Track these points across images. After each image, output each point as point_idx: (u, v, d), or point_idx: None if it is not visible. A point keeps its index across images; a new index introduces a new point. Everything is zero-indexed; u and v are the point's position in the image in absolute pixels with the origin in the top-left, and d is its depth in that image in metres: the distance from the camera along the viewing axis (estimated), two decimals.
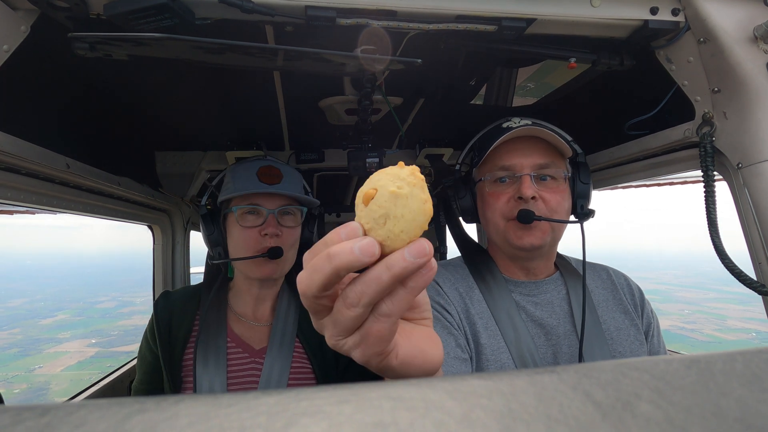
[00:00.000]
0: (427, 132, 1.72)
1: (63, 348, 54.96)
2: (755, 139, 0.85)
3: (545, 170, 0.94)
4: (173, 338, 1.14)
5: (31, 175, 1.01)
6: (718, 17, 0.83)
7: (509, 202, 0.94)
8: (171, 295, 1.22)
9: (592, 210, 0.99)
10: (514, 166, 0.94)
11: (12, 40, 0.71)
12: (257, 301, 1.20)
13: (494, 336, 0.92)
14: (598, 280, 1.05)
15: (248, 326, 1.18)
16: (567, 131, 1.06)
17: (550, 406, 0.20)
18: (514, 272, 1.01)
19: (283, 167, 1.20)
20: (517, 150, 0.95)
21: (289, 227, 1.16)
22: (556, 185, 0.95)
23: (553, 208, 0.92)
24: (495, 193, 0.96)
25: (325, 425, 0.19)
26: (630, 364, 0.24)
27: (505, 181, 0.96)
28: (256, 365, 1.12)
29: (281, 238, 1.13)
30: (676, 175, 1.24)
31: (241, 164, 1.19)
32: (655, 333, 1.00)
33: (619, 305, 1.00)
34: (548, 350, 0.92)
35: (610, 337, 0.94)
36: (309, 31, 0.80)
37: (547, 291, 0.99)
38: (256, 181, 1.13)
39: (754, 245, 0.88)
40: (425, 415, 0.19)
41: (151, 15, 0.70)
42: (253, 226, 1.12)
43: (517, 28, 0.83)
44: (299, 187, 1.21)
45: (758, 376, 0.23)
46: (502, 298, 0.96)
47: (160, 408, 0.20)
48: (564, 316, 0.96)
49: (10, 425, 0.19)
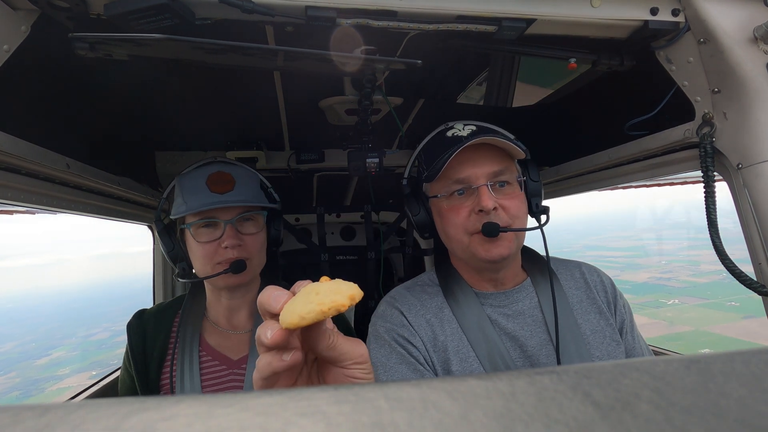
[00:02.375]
0: (427, 132, 1.72)
1: (65, 384, 55.74)
2: (755, 139, 0.85)
3: (501, 177, 0.90)
4: (148, 359, 1.09)
5: (31, 175, 1.01)
6: (718, 18, 0.83)
7: (470, 216, 0.90)
8: (144, 314, 1.17)
9: (546, 207, 0.97)
10: (469, 178, 0.90)
11: (12, 40, 0.71)
12: (230, 311, 1.14)
13: (466, 359, 0.89)
14: (571, 280, 1.02)
15: (225, 336, 1.13)
16: (566, 132, 1.06)
17: (549, 406, 0.20)
18: (482, 285, 0.98)
19: (235, 170, 1.11)
20: (470, 160, 0.90)
21: (250, 234, 1.08)
22: (512, 191, 0.92)
23: (514, 214, 0.90)
24: (453, 208, 0.92)
25: (324, 425, 0.19)
26: (630, 364, 0.24)
27: (462, 194, 0.92)
28: (236, 376, 1.07)
29: (243, 247, 1.06)
30: (676, 175, 1.24)
31: (190, 173, 1.09)
32: (628, 329, 0.98)
33: (593, 305, 0.98)
34: (525, 363, 0.90)
35: (586, 341, 0.92)
36: (309, 31, 0.80)
37: (517, 300, 0.96)
38: (206, 192, 1.04)
39: (754, 245, 0.88)
40: (424, 415, 0.19)
41: (151, 15, 0.70)
42: (210, 240, 1.04)
43: (517, 28, 0.83)
44: (255, 189, 1.13)
45: (758, 376, 0.23)
46: (473, 314, 0.93)
47: (159, 408, 0.20)
48: (537, 326, 0.93)
49: (10, 425, 0.19)
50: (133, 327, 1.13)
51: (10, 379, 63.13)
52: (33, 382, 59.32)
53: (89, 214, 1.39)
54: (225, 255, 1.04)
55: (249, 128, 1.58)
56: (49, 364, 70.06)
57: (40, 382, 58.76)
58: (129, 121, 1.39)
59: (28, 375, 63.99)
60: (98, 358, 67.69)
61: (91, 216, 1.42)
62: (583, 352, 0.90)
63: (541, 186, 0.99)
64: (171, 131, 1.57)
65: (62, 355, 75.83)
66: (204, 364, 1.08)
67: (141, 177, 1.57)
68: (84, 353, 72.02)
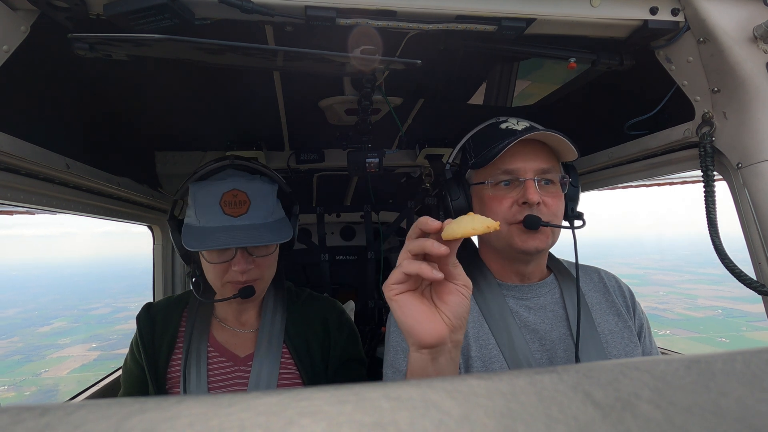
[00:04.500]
0: (427, 132, 1.72)
1: (66, 353, 56.13)
2: (755, 139, 0.85)
3: (547, 175, 0.93)
4: (157, 351, 1.10)
5: (31, 175, 1.01)
6: (717, 17, 0.83)
7: (512, 207, 0.92)
8: (153, 306, 1.17)
9: (581, 213, 0.99)
10: (518, 170, 0.93)
11: (12, 40, 0.71)
12: (238, 310, 1.15)
13: (485, 346, 0.91)
14: (590, 283, 1.04)
15: (233, 333, 1.13)
16: (566, 131, 1.06)
17: (550, 406, 0.20)
18: (509, 276, 1.00)
19: (251, 186, 1.05)
20: (521, 153, 0.93)
21: (262, 256, 1.06)
22: (555, 190, 0.94)
23: (554, 212, 0.92)
24: (497, 197, 0.95)
25: (325, 425, 0.19)
26: (630, 364, 0.24)
27: (508, 185, 0.94)
28: (242, 373, 1.08)
29: (255, 269, 1.04)
30: (676, 175, 1.24)
31: (204, 186, 1.05)
32: (646, 333, 1.00)
33: (611, 307, 1.00)
34: (543, 355, 0.92)
35: (604, 340, 0.94)
36: (309, 31, 0.80)
37: (540, 295, 0.98)
38: (219, 213, 1.01)
39: (754, 245, 0.88)
40: (425, 415, 0.19)
41: (151, 15, 0.70)
42: (219, 262, 1.02)
43: (517, 28, 0.83)
44: (270, 205, 1.08)
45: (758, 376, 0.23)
46: (495, 304, 0.95)
47: (160, 408, 0.20)
48: (558, 321, 0.95)
49: (10, 425, 0.19)
50: (142, 319, 1.14)
51: (12, 343, 63.64)
52: (35, 349, 59.69)
53: (89, 214, 1.39)
54: (235, 277, 1.03)
55: (249, 128, 1.58)
56: (51, 333, 70.52)
57: (42, 349, 59.21)
58: (129, 121, 1.39)
59: (31, 341, 64.47)
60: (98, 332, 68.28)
61: (91, 216, 1.42)
62: (600, 350, 0.91)
63: (579, 193, 1.02)
64: (171, 131, 1.57)
65: (64, 325, 76.31)
66: (212, 360, 1.09)
67: (141, 177, 1.57)
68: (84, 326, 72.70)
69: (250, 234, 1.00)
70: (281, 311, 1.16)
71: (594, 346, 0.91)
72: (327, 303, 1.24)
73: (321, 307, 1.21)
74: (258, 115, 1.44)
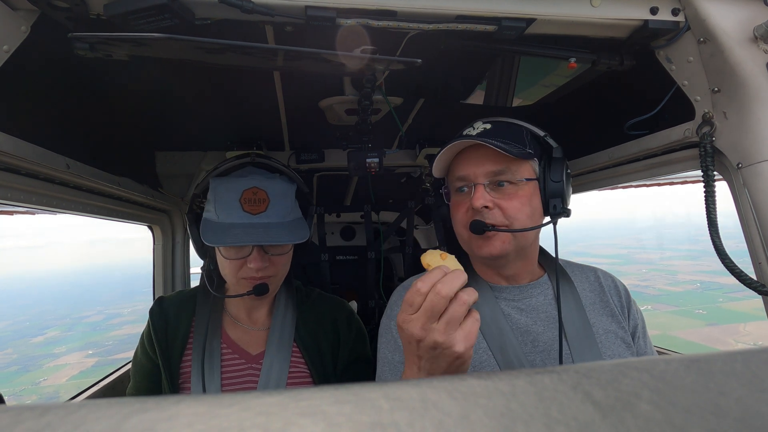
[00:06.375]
0: (427, 132, 1.72)
1: (62, 361, 56.31)
2: (755, 139, 0.85)
3: (500, 176, 0.90)
4: (170, 345, 1.10)
5: (31, 175, 1.01)
6: (718, 17, 0.83)
7: (467, 213, 0.92)
8: (165, 300, 1.18)
9: (566, 209, 0.94)
10: (468, 176, 0.92)
11: (12, 40, 0.71)
12: (251, 309, 1.16)
13: (477, 350, 0.90)
14: (586, 283, 1.03)
15: (244, 330, 1.14)
16: (566, 131, 1.05)
17: (549, 406, 0.20)
18: (495, 279, 1.00)
19: (271, 186, 1.07)
20: (471, 159, 0.92)
21: (278, 254, 1.07)
22: (514, 190, 0.91)
23: (511, 215, 0.89)
24: (456, 203, 0.95)
25: (324, 425, 0.19)
26: (630, 364, 0.24)
27: (464, 191, 0.94)
28: (253, 371, 1.09)
29: (270, 267, 1.06)
30: (676, 175, 1.24)
31: (225, 181, 1.06)
32: (641, 334, 0.99)
33: (606, 308, 0.99)
34: (536, 357, 0.91)
35: (599, 340, 0.93)
36: (309, 31, 0.80)
37: (532, 296, 0.97)
38: (239, 210, 1.03)
39: (754, 245, 0.88)
40: (424, 415, 0.19)
41: (151, 15, 0.70)
42: (236, 258, 1.03)
43: (517, 28, 0.83)
44: (289, 204, 1.10)
45: (758, 376, 0.23)
46: (487, 307, 0.94)
47: (160, 408, 0.20)
48: (551, 322, 0.94)
49: (10, 425, 0.19)
50: (155, 312, 1.14)
51: (7, 355, 63.87)
52: (30, 359, 59.97)
53: (89, 214, 1.39)
54: (250, 273, 1.04)
55: (249, 128, 1.58)
56: (45, 343, 70.68)
57: (38, 359, 59.50)
58: (129, 121, 1.39)
59: (25, 352, 64.65)
60: (93, 339, 68.63)
61: (91, 216, 1.42)
62: (594, 351, 0.91)
63: (564, 186, 0.94)
64: (171, 131, 1.57)
65: (57, 334, 76.52)
66: (225, 356, 1.10)
67: (141, 177, 1.57)
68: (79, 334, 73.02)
69: (268, 232, 1.01)
70: (292, 310, 1.17)
71: (588, 346, 0.91)
72: (337, 303, 1.25)
73: (331, 308, 1.22)
74: (258, 115, 1.44)
